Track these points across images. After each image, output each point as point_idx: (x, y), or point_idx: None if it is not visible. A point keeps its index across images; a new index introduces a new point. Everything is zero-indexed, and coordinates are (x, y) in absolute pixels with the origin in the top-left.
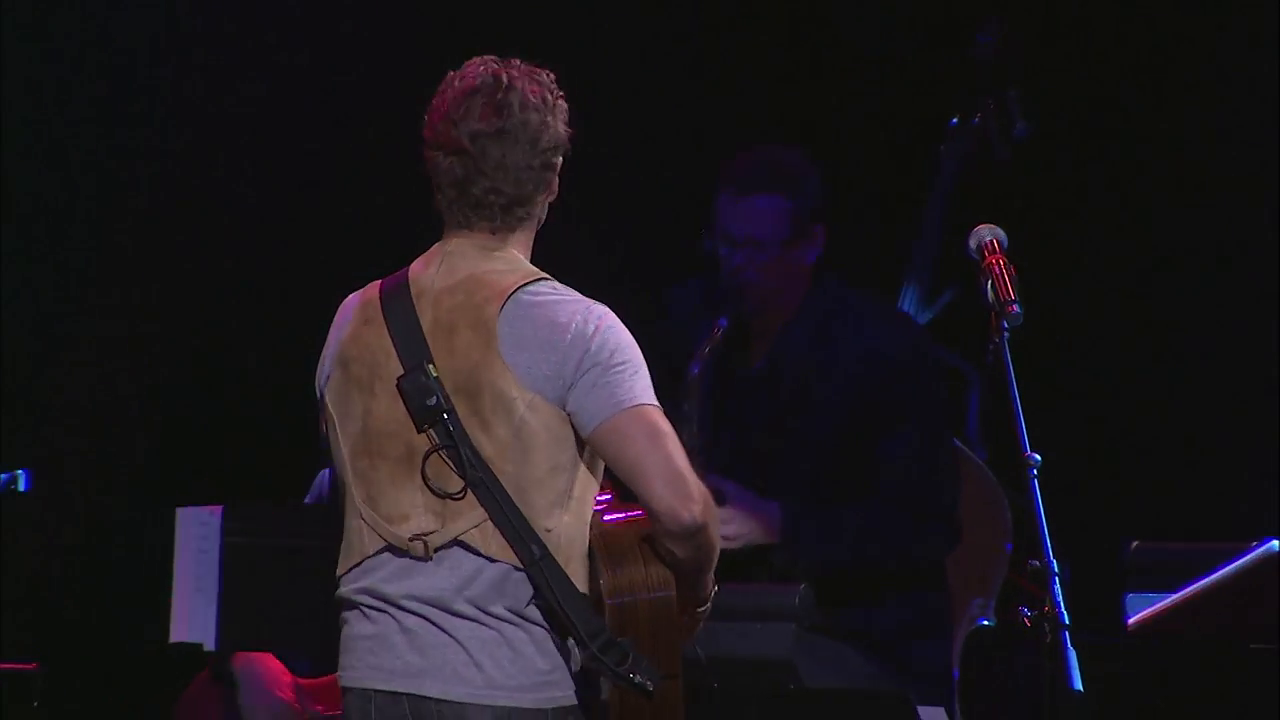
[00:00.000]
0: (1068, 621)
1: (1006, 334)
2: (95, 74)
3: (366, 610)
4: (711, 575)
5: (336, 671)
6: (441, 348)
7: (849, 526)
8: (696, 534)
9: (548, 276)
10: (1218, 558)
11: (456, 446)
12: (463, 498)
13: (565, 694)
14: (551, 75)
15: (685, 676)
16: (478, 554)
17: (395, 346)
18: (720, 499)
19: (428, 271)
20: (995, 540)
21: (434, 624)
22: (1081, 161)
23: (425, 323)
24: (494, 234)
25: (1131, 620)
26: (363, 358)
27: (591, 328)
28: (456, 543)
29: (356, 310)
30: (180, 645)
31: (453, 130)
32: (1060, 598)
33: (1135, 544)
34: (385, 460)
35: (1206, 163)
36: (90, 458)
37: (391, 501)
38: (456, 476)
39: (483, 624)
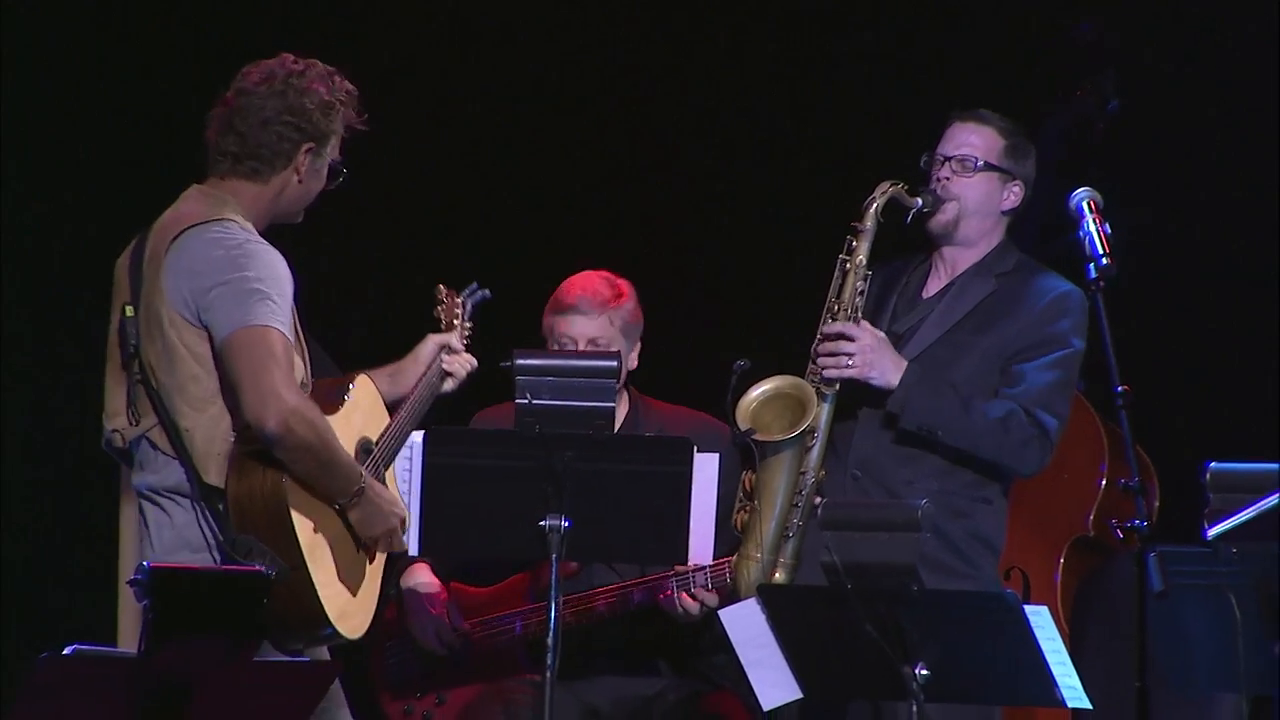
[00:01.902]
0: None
1: (1101, 282)
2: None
3: None
4: (337, 476)
5: (504, 581)
6: (145, 275)
7: (966, 401)
8: (277, 443)
9: (235, 219)
10: None
11: (137, 358)
12: (146, 401)
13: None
14: (350, 86)
15: (826, 580)
16: (158, 450)
17: (129, 276)
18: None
19: (165, 211)
20: (1091, 462)
21: (141, 509)
22: (1165, 130)
23: (145, 254)
24: (223, 179)
25: (1209, 531)
26: (116, 282)
27: (232, 257)
28: (144, 439)
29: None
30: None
31: (230, 90)
32: (1148, 511)
33: (1213, 464)
34: (111, 364)
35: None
36: None
37: (110, 399)
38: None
39: (161, 507)
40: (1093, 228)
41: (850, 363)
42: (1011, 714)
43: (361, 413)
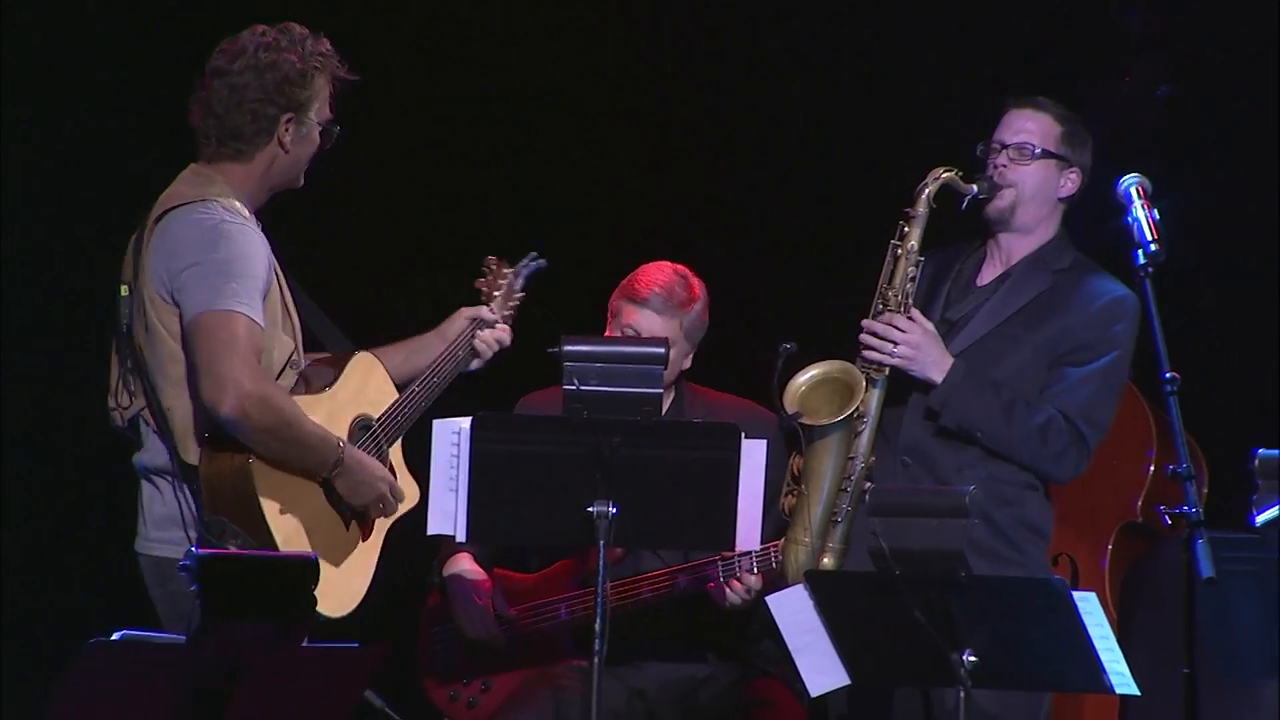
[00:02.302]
0: (1201, 519)
1: (1149, 267)
2: None
3: None
4: (308, 453)
5: (548, 567)
6: (141, 255)
7: (1009, 404)
8: (234, 428)
9: (218, 200)
10: None
11: (130, 337)
12: (138, 380)
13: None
14: (326, 47)
15: (874, 566)
16: (150, 428)
17: (132, 255)
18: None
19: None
20: (1139, 448)
21: (142, 488)
22: (1213, 116)
23: (145, 236)
24: (210, 163)
25: (1257, 518)
26: (125, 261)
27: (207, 238)
28: (140, 417)
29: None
30: (436, 537)
31: (207, 71)
32: (1195, 498)
33: (1261, 451)
34: (114, 343)
35: None
36: None
37: (111, 377)
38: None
39: (155, 484)
40: (1140, 213)
41: (894, 350)
42: (1060, 700)
43: (355, 390)
